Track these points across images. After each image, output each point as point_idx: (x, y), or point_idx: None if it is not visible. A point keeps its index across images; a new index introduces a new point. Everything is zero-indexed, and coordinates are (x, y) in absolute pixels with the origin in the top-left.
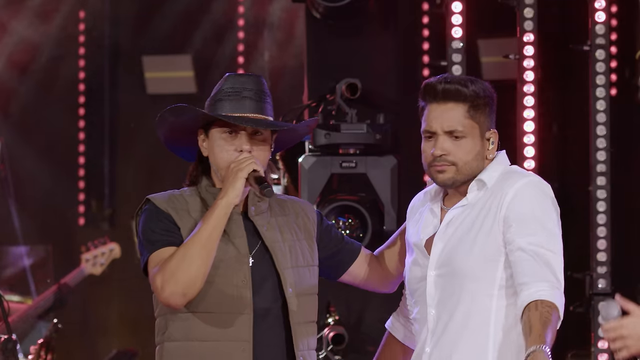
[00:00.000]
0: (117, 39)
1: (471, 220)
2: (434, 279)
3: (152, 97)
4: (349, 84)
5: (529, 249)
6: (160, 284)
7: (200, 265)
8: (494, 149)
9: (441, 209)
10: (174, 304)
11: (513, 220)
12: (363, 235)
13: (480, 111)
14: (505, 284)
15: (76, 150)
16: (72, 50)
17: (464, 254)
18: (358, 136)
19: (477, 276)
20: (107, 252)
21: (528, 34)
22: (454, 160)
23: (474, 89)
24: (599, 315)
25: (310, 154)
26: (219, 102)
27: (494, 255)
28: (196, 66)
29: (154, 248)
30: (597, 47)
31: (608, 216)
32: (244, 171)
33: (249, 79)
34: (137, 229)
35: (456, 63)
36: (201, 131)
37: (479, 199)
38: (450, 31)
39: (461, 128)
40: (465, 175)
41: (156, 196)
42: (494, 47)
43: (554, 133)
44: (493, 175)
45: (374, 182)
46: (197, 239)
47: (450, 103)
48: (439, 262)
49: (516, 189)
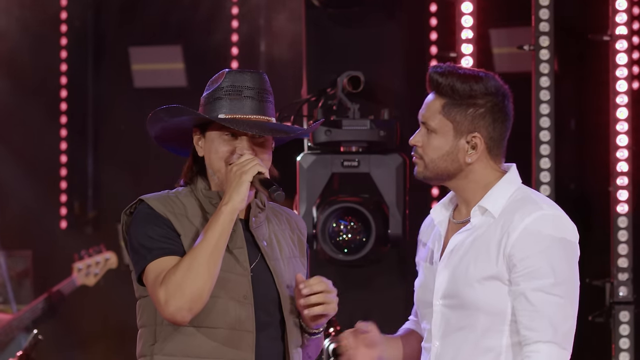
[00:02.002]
0: (102, 29)
1: (476, 250)
2: (440, 308)
3: (140, 91)
4: (351, 77)
5: (532, 297)
6: (165, 298)
7: (207, 277)
8: (475, 155)
9: (448, 224)
10: (180, 320)
11: (518, 260)
12: (366, 240)
13: (459, 110)
14: (515, 319)
15: (57, 149)
16: (53, 41)
17: (470, 285)
18: (361, 133)
19: (486, 310)
20: (102, 261)
21: (544, 23)
22: (422, 154)
23: (462, 86)
24: (620, 325)
25: (309, 152)
26: (218, 101)
27: (502, 289)
28: (187, 58)
29: (153, 256)
30: (617, 38)
31: (630, 219)
32: (249, 174)
33: (250, 76)
34: (126, 230)
35: (466, 54)
36: (197, 130)
37: (483, 223)
38: (460, 20)
39: (432, 123)
40: (434, 174)
41: (151, 197)
42: (507, 37)
43: (571, 129)
44: (499, 203)
45: (378, 183)
46: (203, 248)
47: (432, 94)
48: (445, 292)
49: (525, 225)
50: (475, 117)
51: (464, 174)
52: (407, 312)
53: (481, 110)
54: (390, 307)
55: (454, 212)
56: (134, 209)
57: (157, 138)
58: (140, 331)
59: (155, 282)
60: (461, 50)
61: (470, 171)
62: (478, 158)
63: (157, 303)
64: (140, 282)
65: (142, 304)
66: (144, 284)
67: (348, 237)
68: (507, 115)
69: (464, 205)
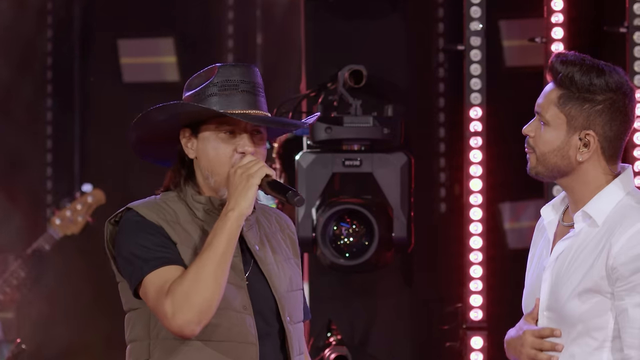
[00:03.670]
0: (89, 20)
1: (577, 260)
2: (545, 321)
3: (129, 86)
4: (352, 71)
5: (634, 313)
6: (172, 310)
7: (216, 288)
8: (587, 154)
9: (557, 226)
10: (189, 333)
11: (621, 274)
12: (369, 244)
13: (575, 104)
14: (619, 335)
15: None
16: (37, 33)
17: (570, 298)
18: (363, 130)
19: (586, 325)
20: (83, 204)
21: (556, 14)
22: (533, 145)
23: (581, 78)
24: None
25: (308, 151)
26: (212, 97)
27: (603, 304)
28: (179, 51)
29: (150, 267)
30: (635, 29)
31: None
32: (256, 177)
33: (244, 70)
34: (110, 240)
35: (475, 47)
36: (186, 130)
37: (587, 230)
38: (469, 11)
39: (546, 114)
40: (547, 170)
41: (140, 205)
42: (517, 29)
43: None
44: (605, 209)
45: (382, 183)
46: (210, 257)
47: (552, 83)
48: (548, 304)
49: (629, 236)
50: (591, 114)
51: (574, 172)
52: (412, 321)
53: (598, 107)
54: (394, 316)
55: (564, 213)
56: (120, 218)
57: (139, 145)
58: (130, 346)
59: (159, 294)
60: (469, 43)
61: (581, 171)
62: (590, 157)
63: (163, 316)
64: (135, 294)
65: (133, 317)
66: (139, 297)
67: (349, 241)
68: (626, 116)
69: (574, 207)
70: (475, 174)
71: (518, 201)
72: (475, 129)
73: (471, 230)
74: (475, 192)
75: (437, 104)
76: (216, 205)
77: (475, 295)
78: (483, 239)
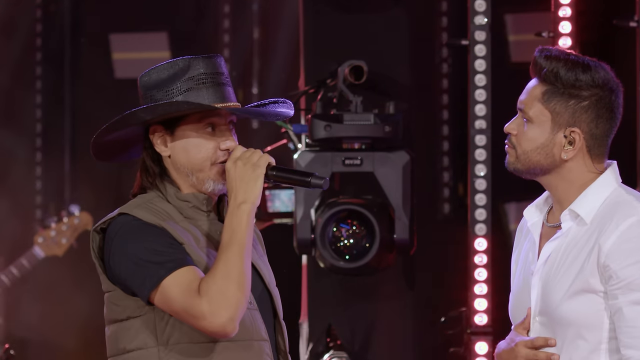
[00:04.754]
0: (80, 14)
1: (567, 260)
2: (538, 327)
3: (121, 82)
4: (353, 67)
5: (629, 312)
6: (209, 309)
7: (245, 283)
8: (572, 152)
9: (542, 228)
10: (230, 331)
11: (614, 271)
12: (370, 246)
13: (560, 100)
14: (615, 335)
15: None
16: (26, 28)
17: (562, 300)
18: (364, 128)
19: (580, 326)
20: (69, 226)
21: (564, 8)
22: (515, 143)
23: (566, 74)
24: None
25: (307, 150)
26: (193, 90)
27: (597, 304)
28: (173, 46)
29: (167, 270)
30: None
31: None
32: (262, 167)
33: (217, 60)
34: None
35: (479, 42)
36: (158, 128)
37: (575, 229)
38: (473, 4)
39: (529, 111)
40: (525, 167)
41: (134, 209)
42: (524, 23)
43: None
44: (593, 207)
45: (383, 183)
46: (236, 252)
47: (535, 79)
48: (540, 309)
49: (620, 232)
50: (577, 110)
51: (558, 171)
52: (414, 325)
53: (584, 103)
54: (396, 320)
55: (548, 214)
56: (108, 225)
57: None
58: (131, 355)
59: (188, 296)
60: (474, 38)
61: (565, 169)
62: (575, 155)
63: (199, 317)
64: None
65: (136, 325)
66: (150, 303)
67: (350, 243)
68: (613, 113)
69: (558, 207)
70: (480, 173)
71: (524, 201)
72: (480, 126)
73: (476, 232)
74: (480, 192)
75: (440, 101)
76: (201, 200)
77: (480, 298)
78: (488, 241)
